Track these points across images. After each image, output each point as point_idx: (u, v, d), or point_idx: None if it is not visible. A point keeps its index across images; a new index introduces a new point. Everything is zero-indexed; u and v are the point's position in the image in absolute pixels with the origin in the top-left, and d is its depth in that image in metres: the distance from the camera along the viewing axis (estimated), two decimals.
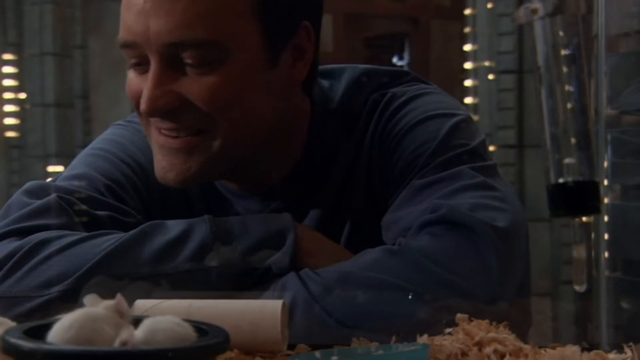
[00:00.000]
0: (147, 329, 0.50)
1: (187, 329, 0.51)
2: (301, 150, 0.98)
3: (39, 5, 4.24)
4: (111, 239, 0.85)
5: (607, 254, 1.92)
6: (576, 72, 2.54)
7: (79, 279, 0.82)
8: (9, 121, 4.46)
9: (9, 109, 4.45)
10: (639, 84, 1.97)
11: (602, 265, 1.93)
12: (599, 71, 2.01)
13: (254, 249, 0.85)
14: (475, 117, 3.71)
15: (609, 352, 0.67)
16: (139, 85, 0.89)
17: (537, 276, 3.38)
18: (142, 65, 0.88)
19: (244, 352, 0.67)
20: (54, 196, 0.90)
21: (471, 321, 0.68)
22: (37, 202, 0.90)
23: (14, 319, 0.59)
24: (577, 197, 2.51)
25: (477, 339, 0.65)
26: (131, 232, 0.86)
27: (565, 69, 2.55)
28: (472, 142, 0.94)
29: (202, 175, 0.92)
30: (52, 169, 4.19)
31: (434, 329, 0.68)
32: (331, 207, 0.98)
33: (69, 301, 0.80)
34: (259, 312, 0.68)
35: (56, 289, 0.83)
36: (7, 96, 4.44)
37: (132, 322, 0.51)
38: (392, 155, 0.95)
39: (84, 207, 0.91)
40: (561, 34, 2.55)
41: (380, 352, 0.65)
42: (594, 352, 0.66)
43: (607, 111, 1.96)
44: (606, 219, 1.95)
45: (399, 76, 1.02)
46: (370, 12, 5.90)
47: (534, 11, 2.57)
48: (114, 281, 0.82)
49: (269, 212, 0.97)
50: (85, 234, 0.87)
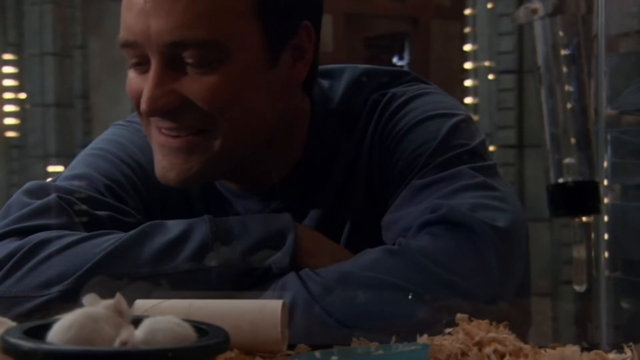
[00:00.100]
0: (147, 329, 0.50)
1: (187, 329, 0.51)
2: (301, 150, 0.98)
3: (39, 5, 4.24)
4: (111, 239, 0.85)
5: (607, 254, 1.92)
6: (576, 72, 2.53)
7: (79, 279, 0.82)
8: (9, 121, 4.46)
9: (9, 109, 4.45)
10: (639, 84, 1.97)
11: (602, 265, 1.93)
12: (598, 71, 2.00)
13: (254, 249, 0.85)
14: (475, 117, 3.71)
15: (609, 352, 0.67)
16: (140, 85, 0.89)
17: (537, 276, 3.38)
18: (142, 64, 0.88)
19: (244, 352, 0.67)
20: (54, 196, 0.90)
21: (471, 321, 0.68)
22: (37, 202, 0.90)
23: (14, 319, 0.59)
24: (577, 197, 2.51)
25: (477, 339, 0.65)
26: (131, 232, 0.86)
27: (565, 69, 2.55)
28: (472, 142, 0.94)
29: (203, 174, 0.92)
30: (52, 169, 4.19)
31: (434, 329, 0.68)
32: (331, 207, 0.98)
33: (69, 301, 0.80)
34: (259, 312, 0.68)
35: (56, 289, 0.83)
36: (7, 96, 4.44)
37: (132, 322, 0.51)
38: (392, 155, 0.95)
39: (84, 207, 0.91)
40: (561, 34, 2.55)
41: (380, 352, 0.65)
42: (593, 352, 0.66)
43: (607, 111, 1.96)
44: (606, 219, 1.95)
45: (399, 76, 1.02)
46: (370, 12, 5.89)
47: (534, 11, 2.57)
48: (114, 281, 0.82)
49: (269, 212, 0.97)
50: (85, 234, 0.87)
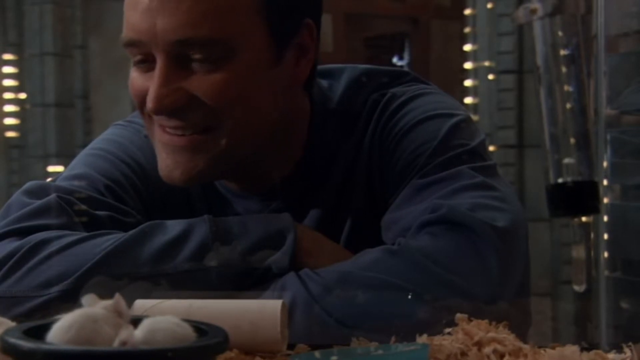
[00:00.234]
0: (147, 329, 0.50)
1: (187, 329, 0.51)
2: (301, 150, 0.98)
3: (39, 5, 4.24)
4: (111, 239, 0.85)
5: (606, 254, 1.92)
6: (575, 72, 2.53)
7: (79, 279, 0.82)
8: (9, 121, 4.45)
9: (9, 109, 4.45)
10: (638, 84, 1.97)
11: (601, 265, 1.93)
12: (598, 71, 2.00)
13: (253, 249, 0.85)
14: (475, 117, 3.71)
15: (609, 352, 0.67)
16: (143, 84, 0.89)
17: (537, 276, 3.38)
18: (146, 63, 0.88)
19: (243, 352, 0.67)
20: (54, 196, 0.90)
21: (471, 321, 0.68)
22: (37, 202, 0.90)
23: (14, 319, 0.59)
24: (576, 197, 2.51)
25: (476, 338, 0.65)
26: (131, 232, 0.86)
27: (564, 69, 2.55)
28: (472, 142, 0.94)
29: (208, 173, 0.92)
30: (52, 169, 4.18)
31: (434, 329, 0.68)
32: (331, 207, 0.98)
33: (68, 301, 0.80)
34: (259, 312, 0.68)
35: (56, 289, 0.83)
36: (7, 96, 4.44)
37: (132, 322, 0.51)
38: (392, 155, 0.95)
39: (84, 207, 0.91)
40: (560, 34, 2.55)
41: (379, 352, 0.65)
42: (593, 352, 0.66)
43: (606, 111, 1.96)
44: (606, 219, 1.95)
45: (399, 76, 1.02)
46: (370, 12, 5.88)
47: (533, 11, 2.57)
48: (114, 281, 0.82)
49: (269, 212, 0.97)
50: (85, 234, 0.87)
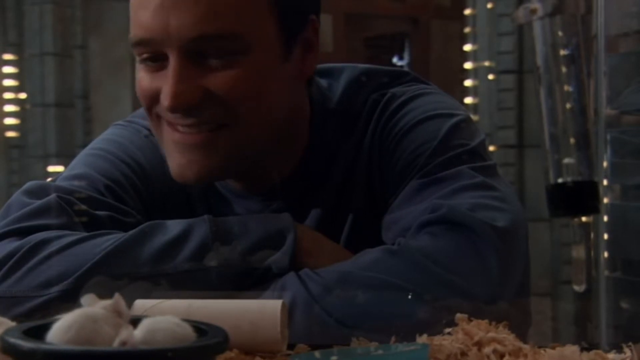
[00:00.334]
0: (147, 329, 0.50)
1: (187, 329, 0.51)
2: (302, 150, 0.98)
3: (39, 5, 4.24)
4: (111, 239, 0.85)
5: (606, 254, 1.92)
6: (575, 72, 2.54)
7: (79, 279, 0.82)
8: (9, 121, 4.46)
9: (9, 109, 4.45)
10: (638, 84, 1.97)
11: (601, 265, 1.93)
12: (598, 71, 2.00)
13: (253, 249, 0.85)
14: (475, 117, 3.71)
15: (609, 352, 0.67)
16: (152, 83, 0.88)
17: (537, 276, 3.38)
18: (156, 62, 0.87)
19: (243, 352, 0.67)
20: (54, 196, 0.90)
21: (471, 321, 0.68)
22: (37, 202, 0.90)
23: (14, 319, 0.59)
24: (576, 197, 2.51)
25: (476, 338, 0.65)
26: (131, 232, 0.86)
27: (564, 69, 2.55)
28: (472, 142, 0.94)
29: (222, 170, 0.91)
30: (52, 169, 4.19)
31: (434, 329, 0.68)
32: (331, 207, 0.98)
33: (68, 301, 0.80)
34: (259, 312, 0.68)
35: (56, 289, 0.83)
36: (7, 96, 4.44)
37: (131, 322, 0.51)
38: (392, 155, 0.95)
39: (84, 207, 0.91)
40: (560, 34, 2.55)
41: (379, 352, 0.65)
42: (593, 352, 0.66)
43: (606, 111, 1.96)
44: (606, 219, 1.95)
45: (399, 76, 1.02)
46: (370, 12, 5.89)
47: (533, 11, 2.57)
48: (114, 281, 0.82)
49: (269, 212, 0.97)
50: (85, 234, 0.87)
